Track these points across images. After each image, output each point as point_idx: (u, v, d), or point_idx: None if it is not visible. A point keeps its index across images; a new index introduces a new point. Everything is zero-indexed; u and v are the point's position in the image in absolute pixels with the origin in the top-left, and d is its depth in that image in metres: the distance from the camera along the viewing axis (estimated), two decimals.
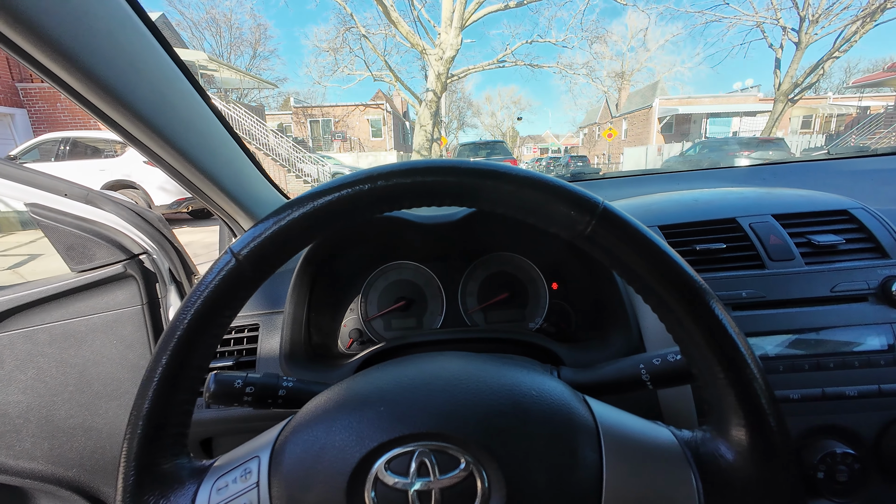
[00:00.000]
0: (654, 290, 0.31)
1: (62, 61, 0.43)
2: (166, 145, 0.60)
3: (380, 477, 0.31)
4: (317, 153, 15.70)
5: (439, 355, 0.41)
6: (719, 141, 14.00)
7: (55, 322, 0.82)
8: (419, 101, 15.08)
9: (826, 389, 0.56)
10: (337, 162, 14.93)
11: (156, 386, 0.32)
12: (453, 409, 0.33)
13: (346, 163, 15.85)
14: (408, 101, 19.23)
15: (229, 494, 0.32)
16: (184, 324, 0.32)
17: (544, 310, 0.78)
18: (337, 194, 0.32)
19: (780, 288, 0.60)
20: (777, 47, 16.48)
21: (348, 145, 23.04)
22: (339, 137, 23.04)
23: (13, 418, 0.82)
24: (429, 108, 12.58)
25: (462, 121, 43.84)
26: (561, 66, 17.15)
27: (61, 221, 0.81)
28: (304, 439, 0.34)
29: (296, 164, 13.77)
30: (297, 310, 0.70)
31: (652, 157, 19.67)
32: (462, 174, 0.32)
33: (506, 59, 15.91)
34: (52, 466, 0.85)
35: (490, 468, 0.31)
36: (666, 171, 1.21)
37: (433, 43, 12.80)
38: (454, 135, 41.67)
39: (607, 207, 0.31)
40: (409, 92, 16.95)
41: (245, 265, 0.32)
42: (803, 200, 0.71)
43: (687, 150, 13.92)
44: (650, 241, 0.31)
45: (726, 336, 0.30)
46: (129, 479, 0.32)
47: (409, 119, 29.92)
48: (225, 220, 0.93)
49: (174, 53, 0.59)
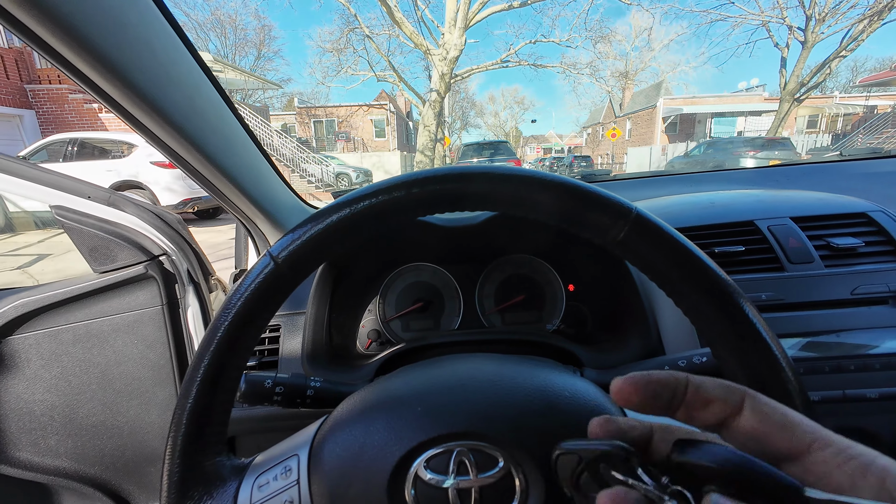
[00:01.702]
0: (687, 293, 0.32)
1: (101, 68, 0.44)
2: (193, 149, 0.61)
3: (419, 475, 0.32)
4: (320, 153, 15.75)
5: (470, 357, 0.42)
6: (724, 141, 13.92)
7: (79, 322, 0.84)
8: (423, 102, 15.10)
9: (847, 391, 0.56)
10: (340, 162, 14.97)
11: (198, 385, 0.33)
12: (490, 410, 0.34)
13: (350, 163, 15.89)
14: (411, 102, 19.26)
15: (271, 491, 0.33)
16: (225, 325, 0.33)
17: (561, 311, 0.79)
18: (375, 199, 0.33)
19: (800, 290, 0.61)
20: (783, 46, 16.36)
21: (352, 145, 23.09)
22: (342, 138, 23.10)
23: (38, 416, 0.83)
24: (432, 109, 12.59)
25: (465, 121, 43.85)
26: (565, 65, 17.12)
27: (85, 223, 0.82)
28: (343, 438, 0.35)
29: (300, 165, 13.83)
30: (320, 311, 0.71)
31: (656, 157, 19.57)
32: (496, 181, 0.33)
33: (509, 59, 15.90)
34: (75, 464, 0.87)
35: (528, 467, 0.31)
36: (677, 172, 1.21)
37: (437, 43, 12.81)
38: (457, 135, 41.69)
39: (640, 213, 0.32)
40: (413, 92, 16.97)
41: (284, 268, 0.33)
42: (821, 203, 0.72)
43: (692, 150, 13.85)
44: (683, 246, 0.32)
45: (759, 338, 0.30)
46: (175, 476, 0.33)
47: (412, 119, 29.95)
48: (243, 222, 0.94)
49: (201, 60, 0.60)
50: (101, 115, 10.49)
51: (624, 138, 28.00)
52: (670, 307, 0.63)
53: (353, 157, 18.36)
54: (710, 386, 0.23)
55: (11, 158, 0.78)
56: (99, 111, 10.52)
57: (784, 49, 16.31)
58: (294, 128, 23.32)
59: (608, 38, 18.04)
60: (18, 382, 0.82)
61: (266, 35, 26.60)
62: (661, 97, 24.57)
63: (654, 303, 0.65)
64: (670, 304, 0.64)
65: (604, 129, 32.12)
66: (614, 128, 18.02)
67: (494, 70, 17.06)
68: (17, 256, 4.70)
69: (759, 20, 17.23)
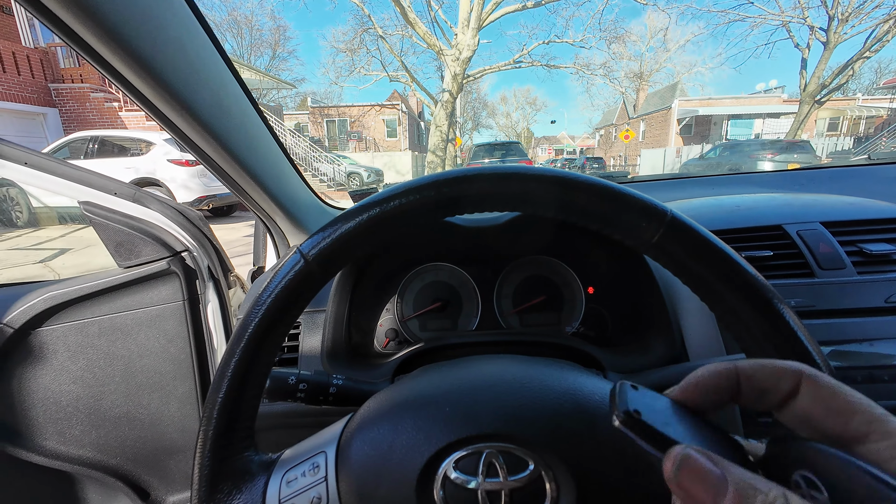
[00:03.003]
0: (724, 297, 0.31)
1: (136, 67, 0.45)
2: (219, 146, 0.62)
3: (448, 476, 0.32)
4: (333, 153, 15.88)
5: (495, 358, 0.42)
6: (741, 143, 13.63)
7: (104, 315, 0.86)
8: (435, 102, 15.12)
9: (880, 402, 0.54)
10: (352, 162, 15.09)
11: (229, 381, 0.33)
12: (520, 412, 0.33)
13: (362, 162, 16.01)
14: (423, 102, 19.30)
15: (299, 487, 0.34)
16: (255, 322, 0.33)
17: (580, 314, 0.78)
18: (405, 199, 0.33)
19: (831, 297, 0.59)
20: (804, 47, 15.97)
21: (364, 145, 23.25)
22: (354, 137, 23.27)
23: (64, 406, 0.86)
24: (444, 109, 12.60)
25: (477, 121, 43.76)
26: (578, 66, 16.97)
27: (111, 219, 0.84)
28: (370, 437, 0.35)
29: (312, 164, 13.96)
30: (340, 309, 0.71)
31: (670, 159, 19.28)
32: (527, 181, 0.33)
33: (522, 60, 15.82)
34: (98, 454, 0.89)
35: (559, 470, 0.31)
36: (695, 175, 1.19)
37: (450, 43, 12.81)
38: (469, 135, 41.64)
39: (675, 216, 0.31)
40: (425, 92, 16.99)
41: (313, 265, 0.33)
42: (853, 208, 0.69)
43: (707, 152, 13.60)
44: (719, 249, 0.31)
45: (799, 344, 0.29)
46: (205, 469, 0.33)
47: (423, 119, 30.03)
48: (263, 220, 0.96)
49: (228, 60, 0.61)
50: (120, 113, 10.76)
51: (637, 140, 27.66)
52: (694, 311, 0.62)
53: (365, 157, 18.49)
54: (761, 376, 0.22)
55: (42, 155, 0.80)
56: (119, 110, 10.79)
57: (805, 50, 15.93)
58: (307, 127, 23.57)
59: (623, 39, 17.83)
60: (46, 373, 0.84)
61: (281, 35, 26.99)
62: (677, 98, 24.20)
63: (678, 306, 0.64)
64: (694, 309, 0.63)
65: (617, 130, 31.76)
66: (628, 129, 17.80)
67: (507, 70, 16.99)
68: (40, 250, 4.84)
69: (779, 20, 16.84)
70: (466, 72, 12.83)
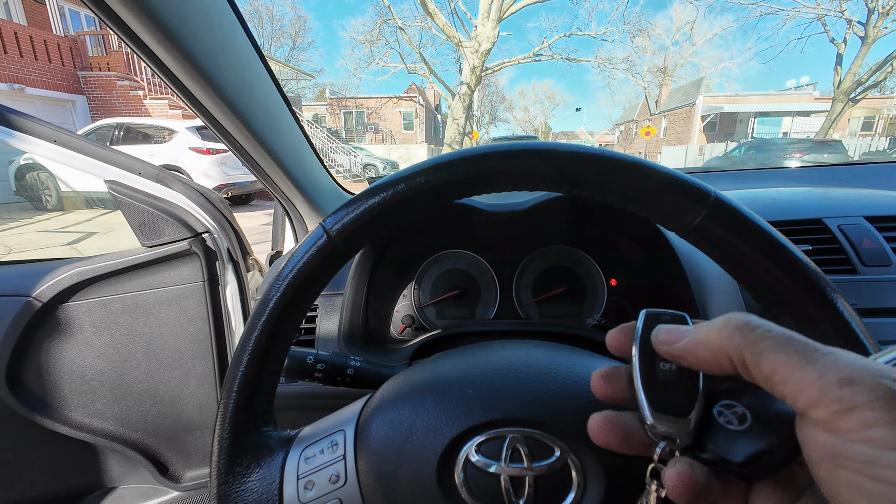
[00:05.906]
0: (772, 286, 0.29)
1: (162, 37, 0.44)
2: (241, 124, 0.62)
3: (470, 459, 0.31)
4: (349, 144, 15.98)
5: (518, 342, 0.40)
6: (767, 141, 13.12)
7: (127, 293, 0.87)
8: (452, 95, 15.02)
9: None
10: (368, 153, 15.15)
11: (249, 355, 0.33)
12: (546, 397, 0.32)
13: (378, 154, 16.06)
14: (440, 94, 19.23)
15: (318, 464, 0.33)
16: (277, 296, 0.33)
17: (602, 306, 0.76)
18: (433, 175, 0.31)
19: (875, 295, 0.56)
20: (840, 42, 15.25)
21: (380, 137, 23.31)
22: (371, 129, 23.35)
23: (89, 380, 0.88)
24: (462, 102, 12.51)
25: (494, 115, 43.37)
26: (600, 60, 16.65)
27: (135, 198, 0.85)
28: (390, 417, 0.34)
29: (329, 155, 14.08)
30: (357, 293, 0.71)
31: (692, 156, 18.71)
32: (562, 158, 0.31)
33: (542, 53, 15.58)
34: (119, 427, 0.91)
35: (587, 459, 0.30)
36: (731, 168, 1.14)
37: (469, 35, 12.68)
38: (485, 129, 41.29)
39: (719, 197, 0.29)
40: (443, 85, 16.91)
41: (337, 241, 0.33)
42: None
43: (731, 150, 13.15)
44: (768, 234, 0.29)
45: (857, 341, 0.27)
46: (225, 442, 0.33)
47: (440, 112, 29.91)
48: (282, 203, 0.96)
49: (253, 38, 0.61)
50: (145, 101, 11.00)
51: (658, 137, 26.95)
52: (723, 307, 0.60)
53: (381, 149, 18.55)
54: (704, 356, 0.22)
55: (71, 134, 0.82)
56: (143, 98, 11.03)
57: (841, 45, 15.21)
58: (324, 118, 23.76)
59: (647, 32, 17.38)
60: (72, 347, 0.86)
61: (301, 26, 27.14)
62: (701, 94, 23.45)
63: (707, 301, 0.61)
64: (723, 305, 0.60)
65: (637, 126, 31.01)
66: (649, 125, 17.33)
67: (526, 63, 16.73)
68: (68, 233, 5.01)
69: (813, 13, 16.12)
70: (485, 64, 12.70)
